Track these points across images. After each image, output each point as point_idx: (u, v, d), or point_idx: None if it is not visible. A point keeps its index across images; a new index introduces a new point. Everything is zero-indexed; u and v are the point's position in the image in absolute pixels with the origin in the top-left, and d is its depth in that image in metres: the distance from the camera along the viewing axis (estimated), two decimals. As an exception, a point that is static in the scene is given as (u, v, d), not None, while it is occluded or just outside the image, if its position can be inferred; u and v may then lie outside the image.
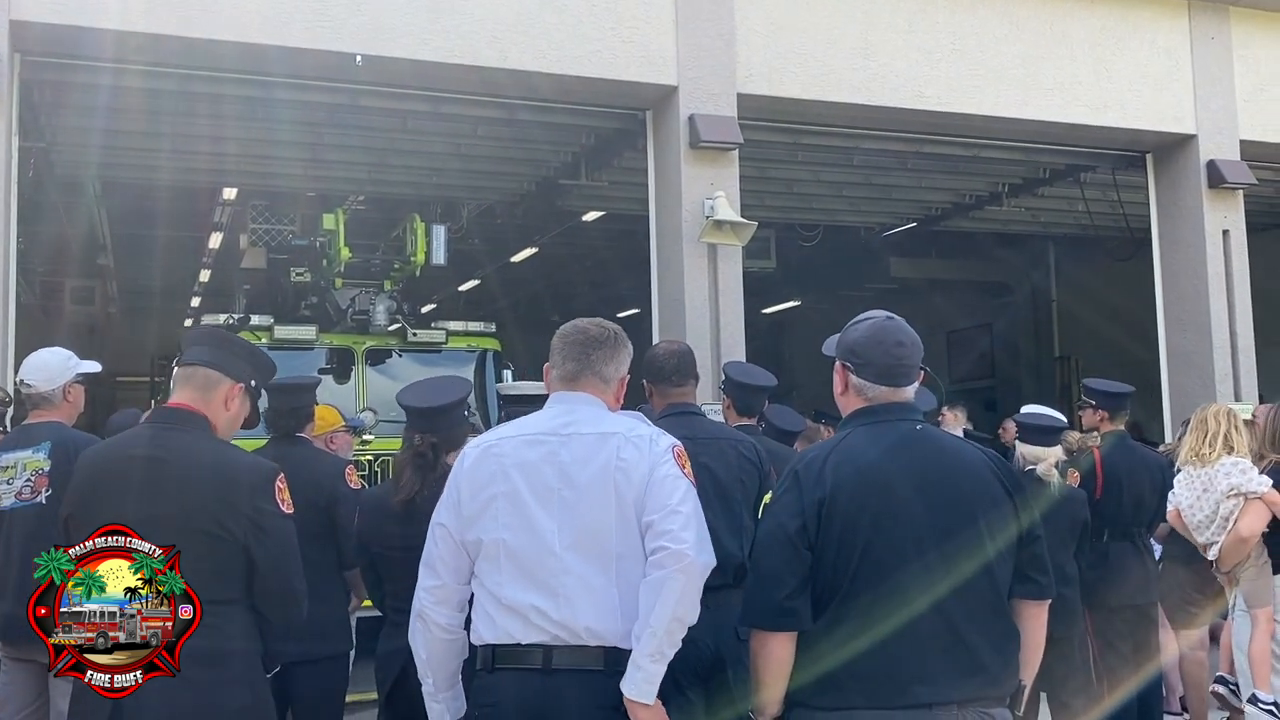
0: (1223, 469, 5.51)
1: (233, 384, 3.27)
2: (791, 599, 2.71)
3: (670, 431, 3.11)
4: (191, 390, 3.23)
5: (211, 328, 3.42)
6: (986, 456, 2.92)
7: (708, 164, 8.40)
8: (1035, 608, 2.91)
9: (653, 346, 4.63)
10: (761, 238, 12.35)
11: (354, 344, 9.89)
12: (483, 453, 3.04)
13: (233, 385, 3.27)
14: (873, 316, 3.00)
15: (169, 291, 18.29)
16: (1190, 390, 9.69)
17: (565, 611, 2.86)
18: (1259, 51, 10.33)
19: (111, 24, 7.13)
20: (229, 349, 3.36)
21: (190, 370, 3.26)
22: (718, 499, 4.05)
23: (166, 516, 3.00)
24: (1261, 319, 10.34)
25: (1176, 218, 10.28)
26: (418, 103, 8.72)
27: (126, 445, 3.24)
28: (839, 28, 8.90)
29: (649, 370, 4.38)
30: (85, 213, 13.05)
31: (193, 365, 3.26)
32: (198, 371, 3.25)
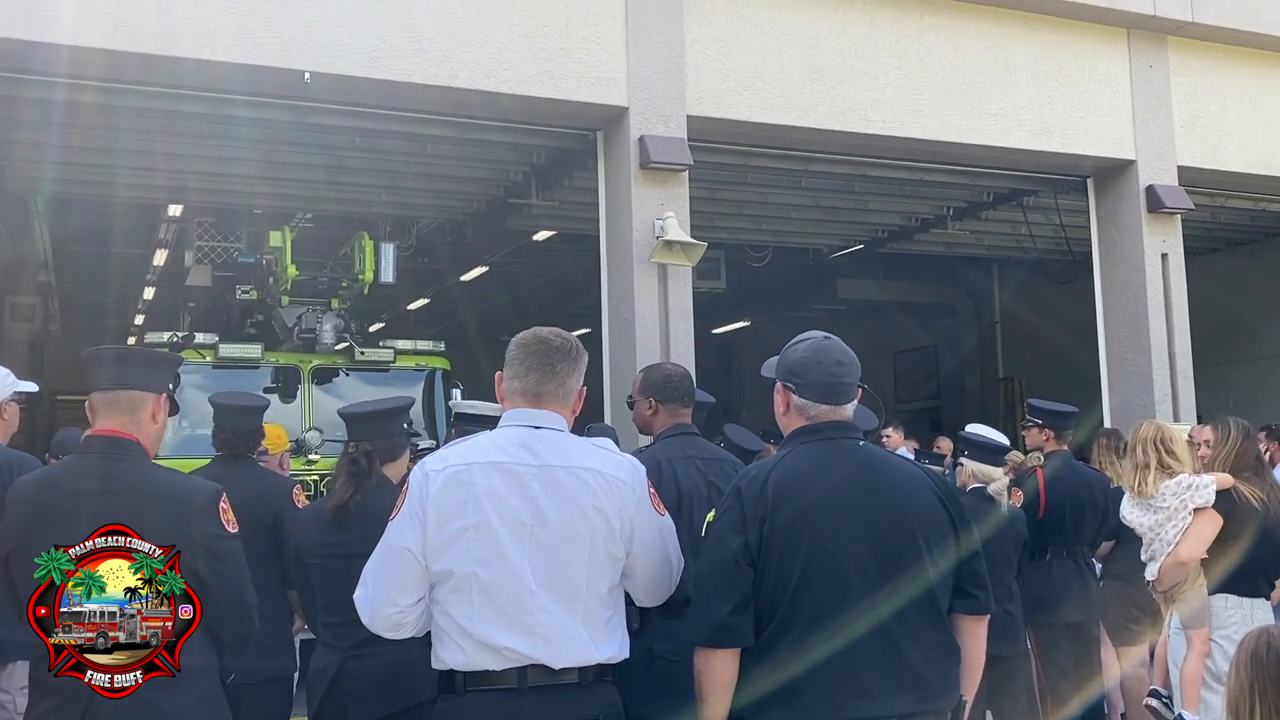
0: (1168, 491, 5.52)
1: (155, 397, 3.20)
2: (733, 616, 2.74)
3: (676, 451, 3.09)
4: (119, 415, 3.14)
5: (106, 348, 3.30)
6: (926, 474, 2.98)
7: (658, 185, 8.45)
8: (974, 623, 2.96)
9: (658, 366, 4.65)
10: (711, 258, 12.45)
11: (300, 362, 9.81)
12: (450, 478, 2.87)
13: (156, 398, 3.20)
14: (811, 337, 3.04)
15: (112, 309, 18.04)
16: (1131, 410, 9.85)
17: (542, 651, 2.79)
18: (1196, 79, 10.58)
19: (46, 37, 7.02)
20: (138, 363, 3.25)
21: (111, 395, 3.15)
22: None
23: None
24: (1204, 340, 10.55)
25: (1117, 241, 10.48)
26: (368, 120, 8.68)
27: (69, 478, 3.15)
28: (787, 51, 9.00)
29: (661, 390, 4.37)
30: (28, 229, 12.85)
31: (112, 390, 3.16)
32: (119, 395, 3.15)
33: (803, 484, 2.82)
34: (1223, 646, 5.30)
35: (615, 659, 2.91)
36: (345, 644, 3.88)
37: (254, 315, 10.86)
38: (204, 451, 5.37)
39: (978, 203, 12.06)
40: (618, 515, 2.89)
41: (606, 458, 2.98)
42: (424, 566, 2.85)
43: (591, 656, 2.84)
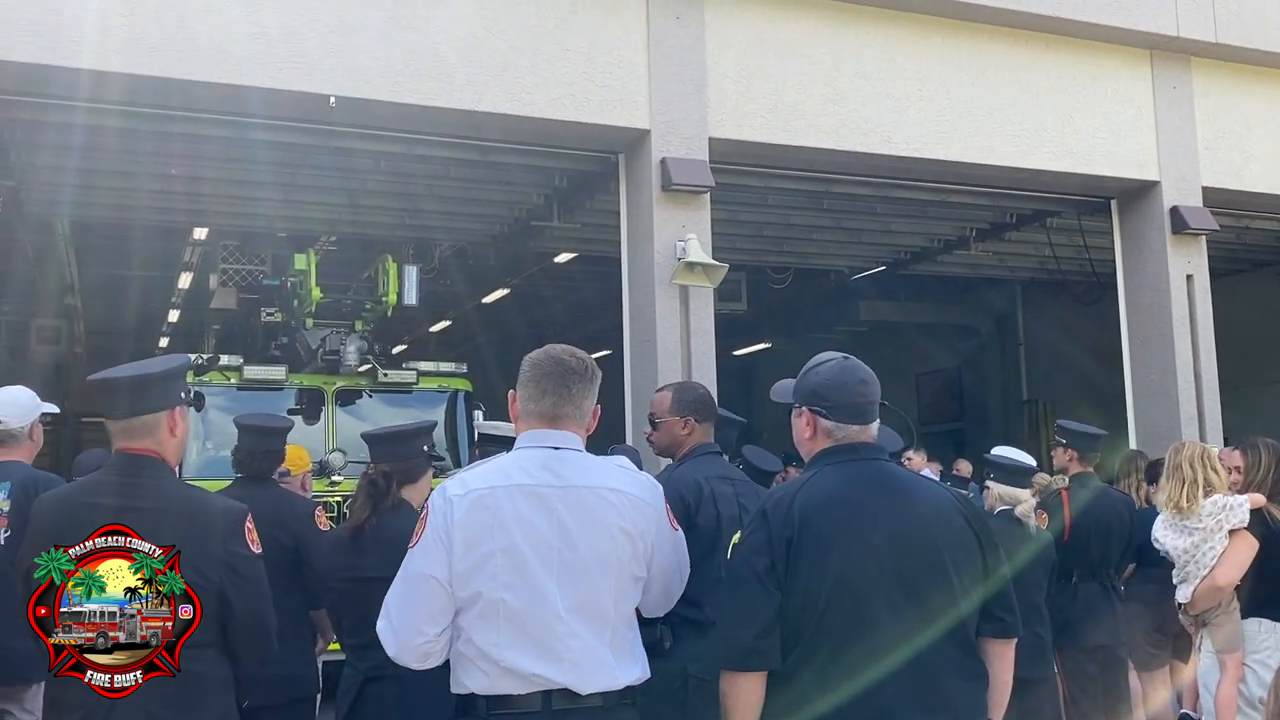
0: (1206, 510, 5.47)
1: (170, 411, 3.18)
2: (761, 638, 2.71)
3: (711, 471, 3.07)
4: (140, 438, 3.13)
5: (117, 377, 3.25)
6: (953, 496, 2.95)
7: (679, 206, 8.46)
8: (1002, 646, 2.93)
9: (688, 386, 4.74)
10: (732, 280, 12.43)
11: (324, 384, 9.85)
12: (474, 503, 2.81)
13: (171, 412, 3.18)
14: (831, 358, 3.01)
15: (137, 332, 18.17)
16: (1157, 433, 9.77)
17: (570, 676, 2.76)
18: (1219, 100, 10.53)
19: (77, 63, 7.11)
20: (151, 386, 3.20)
21: (126, 423, 3.13)
22: None
23: None
24: (1230, 361, 10.46)
25: (1141, 262, 10.42)
26: (391, 144, 8.73)
27: (91, 494, 3.15)
28: (808, 74, 9.01)
29: (699, 408, 4.42)
30: (54, 252, 12.97)
31: (127, 419, 3.13)
32: (133, 421, 3.13)
33: (830, 506, 2.80)
34: (1256, 671, 5.25)
35: (639, 680, 2.89)
36: (365, 665, 3.91)
37: (278, 337, 10.92)
38: (228, 472, 5.38)
39: (1001, 224, 12.02)
40: (640, 535, 2.89)
41: (627, 477, 2.97)
42: (450, 594, 2.80)
43: (618, 680, 2.82)
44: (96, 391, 3.18)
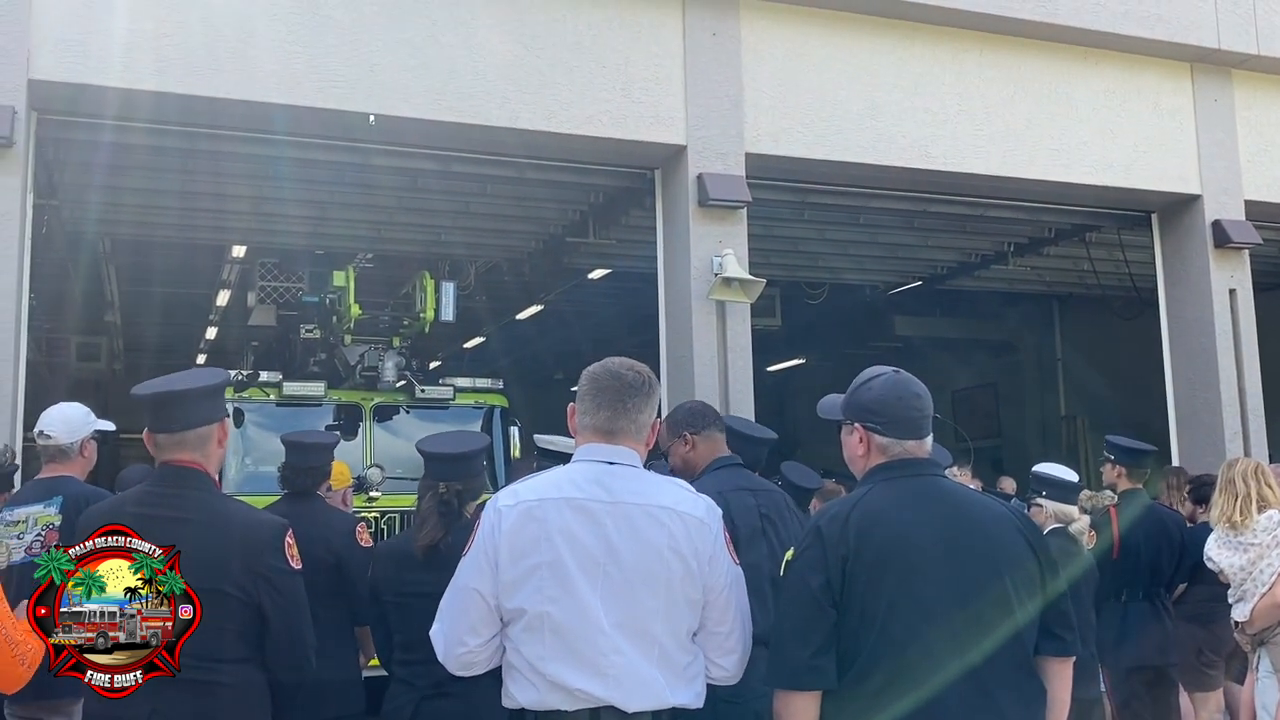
0: (1261, 526, 5.38)
1: (218, 424, 3.24)
2: (816, 657, 2.67)
3: (729, 483, 3.04)
4: (188, 450, 3.17)
5: (166, 390, 3.25)
6: (1011, 512, 2.90)
7: (716, 222, 8.44)
8: (1061, 665, 2.87)
9: (676, 407, 4.59)
10: (767, 296, 12.37)
11: (362, 400, 9.88)
12: (523, 514, 2.81)
13: (218, 425, 3.24)
14: (882, 373, 2.97)
15: (174, 349, 18.30)
16: (1200, 450, 9.64)
17: (614, 693, 2.74)
18: (1261, 113, 10.41)
19: (124, 83, 7.20)
20: (200, 400, 3.23)
21: (180, 436, 3.16)
22: (782, 549, 4.05)
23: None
24: (1275, 376, 10.31)
25: (1182, 277, 10.30)
26: (427, 162, 8.77)
27: (136, 506, 3.18)
28: (845, 88, 8.98)
29: (690, 420, 4.34)
30: (93, 269, 13.09)
31: (179, 432, 3.16)
32: (188, 435, 3.16)
33: (887, 522, 2.75)
34: (1318, 691, 5.14)
35: (691, 705, 2.85)
36: (424, 683, 3.86)
37: (316, 354, 10.97)
38: (267, 488, 5.40)
39: (1039, 239, 11.92)
40: (694, 555, 2.84)
41: (683, 495, 2.93)
42: (492, 607, 2.81)
43: (666, 700, 2.78)
44: (149, 405, 3.19)
